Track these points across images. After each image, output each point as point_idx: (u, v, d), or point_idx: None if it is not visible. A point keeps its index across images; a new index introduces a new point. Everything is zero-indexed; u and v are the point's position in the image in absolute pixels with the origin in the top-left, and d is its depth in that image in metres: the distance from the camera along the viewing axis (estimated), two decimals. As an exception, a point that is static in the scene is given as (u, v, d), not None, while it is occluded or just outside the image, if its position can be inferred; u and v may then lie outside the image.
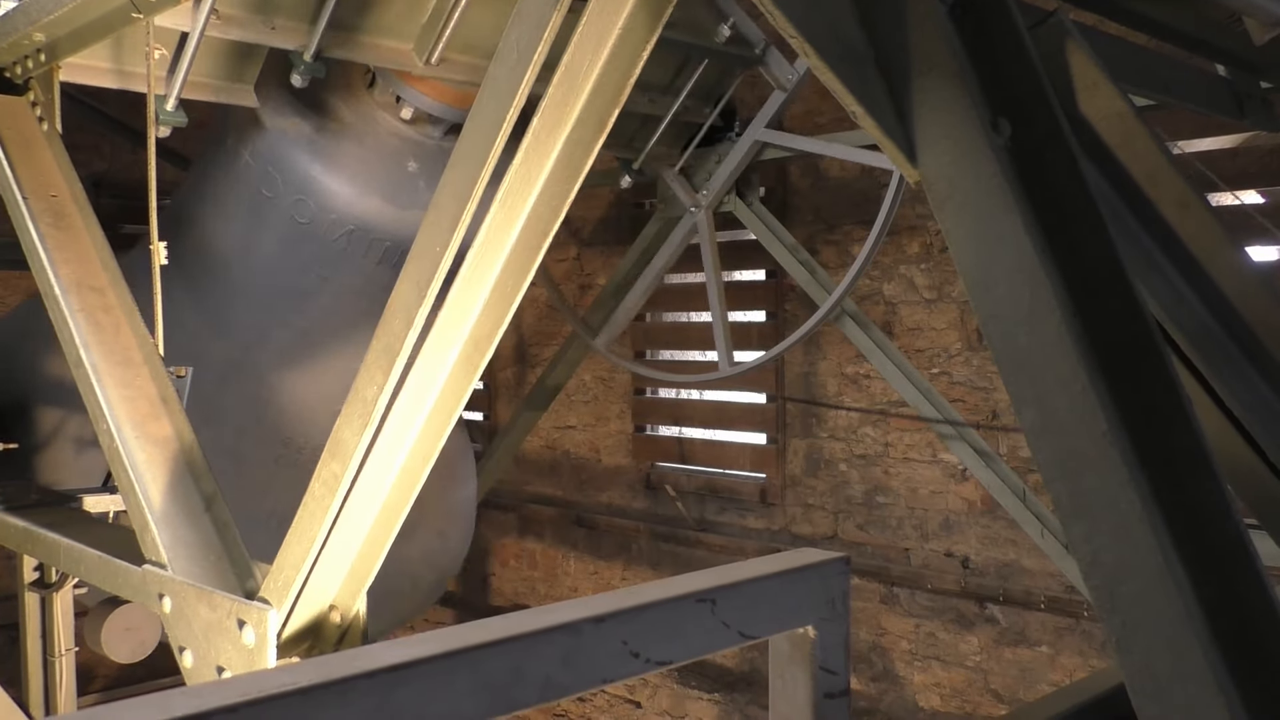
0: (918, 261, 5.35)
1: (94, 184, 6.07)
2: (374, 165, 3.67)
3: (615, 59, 1.61)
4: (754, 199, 4.80)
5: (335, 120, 3.67)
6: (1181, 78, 2.52)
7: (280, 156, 3.58)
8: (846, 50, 1.36)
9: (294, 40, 3.05)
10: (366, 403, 1.90)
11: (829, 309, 4.42)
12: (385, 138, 3.71)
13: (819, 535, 5.83)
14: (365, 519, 2.01)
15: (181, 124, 2.91)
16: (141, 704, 0.91)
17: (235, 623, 2.05)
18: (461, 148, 1.75)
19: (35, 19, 2.62)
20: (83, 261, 2.64)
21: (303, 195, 3.62)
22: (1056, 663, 4.95)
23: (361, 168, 3.65)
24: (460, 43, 3.25)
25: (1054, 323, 1.19)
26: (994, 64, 1.33)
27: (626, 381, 6.75)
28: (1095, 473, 1.16)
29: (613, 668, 1.16)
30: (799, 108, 5.55)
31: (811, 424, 5.83)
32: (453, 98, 3.65)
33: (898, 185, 4.15)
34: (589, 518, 6.96)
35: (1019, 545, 5.01)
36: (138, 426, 2.41)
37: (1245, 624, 1.14)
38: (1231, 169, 4.32)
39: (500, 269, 1.78)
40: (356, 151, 3.66)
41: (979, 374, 5.15)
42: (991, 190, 1.25)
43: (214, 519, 2.34)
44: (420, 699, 1.01)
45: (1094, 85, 1.62)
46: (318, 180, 3.60)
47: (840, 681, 1.37)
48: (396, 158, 3.73)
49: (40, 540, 2.82)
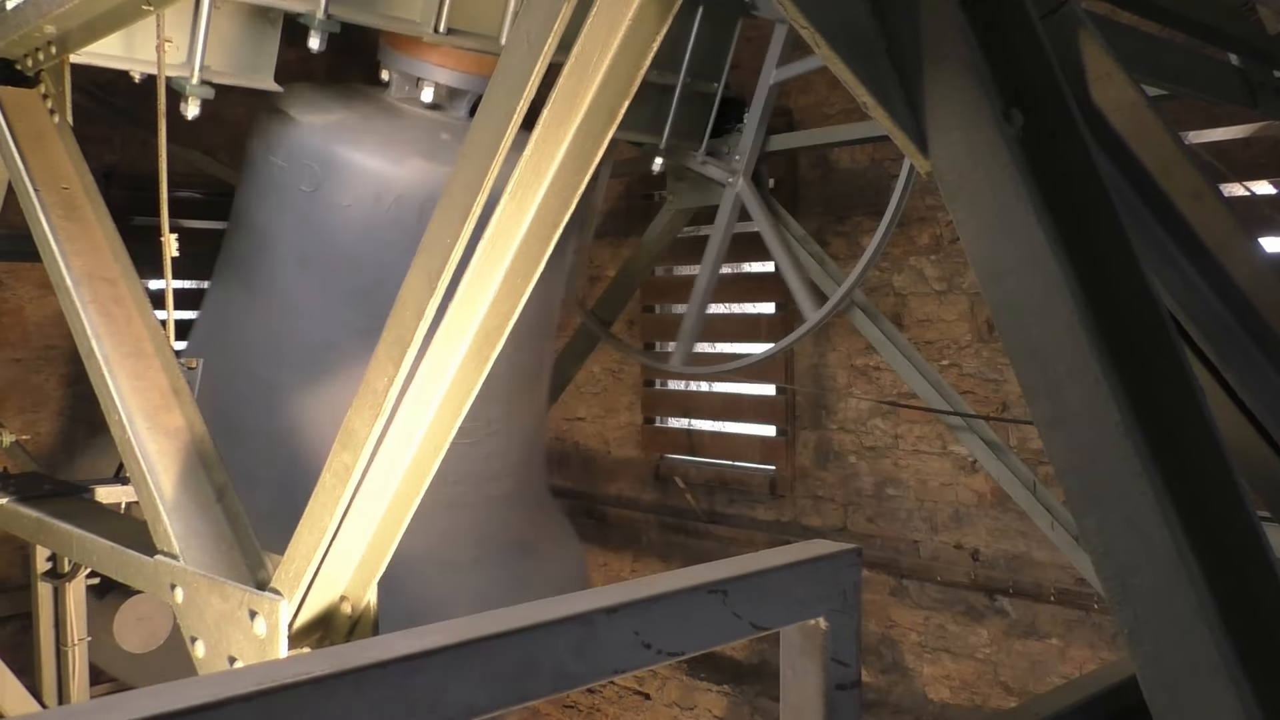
0: (928, 253, 5.33)
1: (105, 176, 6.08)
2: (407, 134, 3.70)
3: (626, 50, 1.60)
4: (764, 190, 4.78)
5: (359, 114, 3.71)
6: (1194, 67, 2.50)
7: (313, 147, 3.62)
8: (857, 40, 1.35)
9: (304, 2, 3.13)
10: (377, 393, 1.90)
11: (838, 300, 4.41)
12: (414, 119, 3.74)
13: (828, 527, 5.83)
14: (376, 510, 2.01)
15: (209, 95, 2.97)
16: (156, 693, 0.91)
17: (247, 613, 2.06)
18: (472, 138, 1.75)
19: (46, 11, 2.62)
20: (94, 253, 2.64)
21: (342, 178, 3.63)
22: (1066, 655, 4.94)
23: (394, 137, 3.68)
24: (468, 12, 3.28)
25: (1066, 314, 1.19)
26: (1006, 54, 1.33)
27: (636, 373, 6.75)
28: (1108, 464, 1.15)
29: (625, 658, 1.16)
30: (809, 99, 5.53)
31: (821, 416, 5.83)
32: (470, 64, 3.64)
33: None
34: (598, 509, 6.97)
35: (1029, 537, 5.00)
36: (149, 418, 2.41)
37: (1258, 616, 1.14)
38: (1244, 159, 4.29)
39: (511, 260, 1.78)
40: (387, 128, 3.68)
41: (989, 366, 5.13)
42: (1004, 181, 1.25)
43: (225, 509, 2.34)
44: (433, 689, 1.01)
45: (1107, 75, 1.61)
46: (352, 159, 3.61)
47: (851, 673, 1.37)
48: (428, 129, 3.76)
49: (53, 531, 2.84)
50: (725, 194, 4.64)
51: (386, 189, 3.66)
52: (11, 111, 2.80)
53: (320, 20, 3.10)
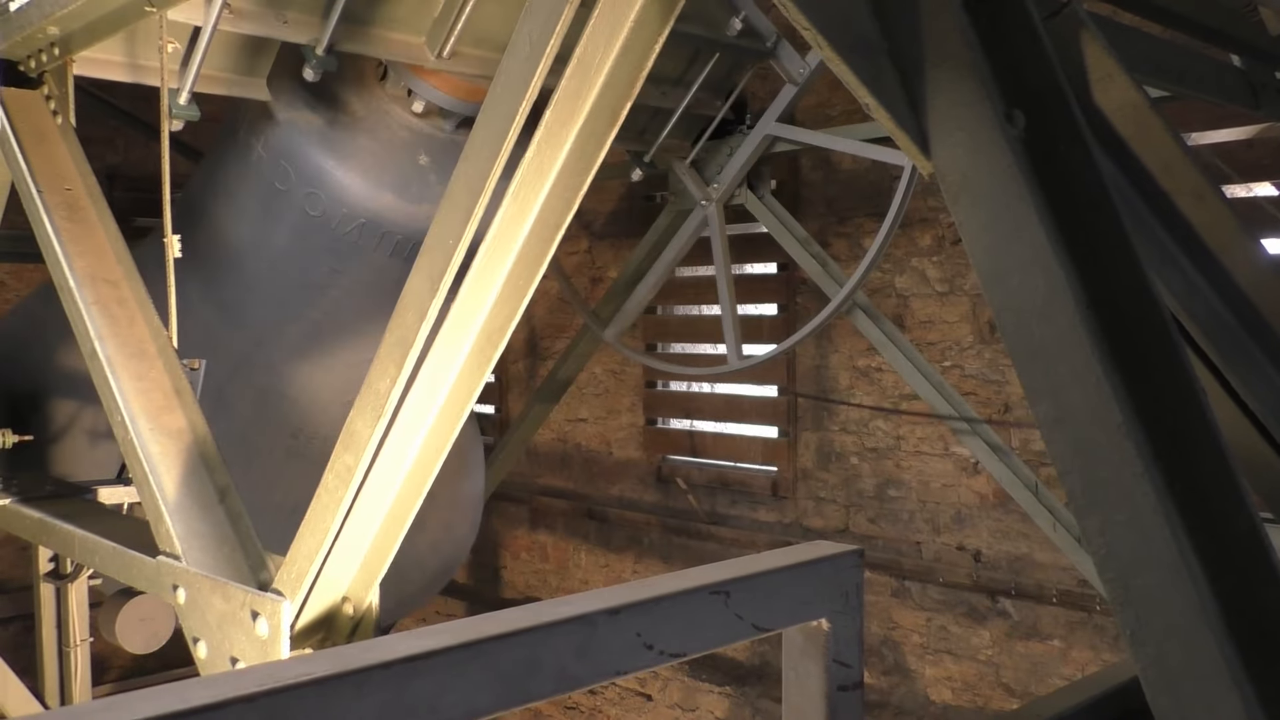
0: (930, 254, 5.33)
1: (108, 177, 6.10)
2: (386, 158, 3.67)
3: (628, 52, 1.61)
4: (765, 191, 4.80)
5: (347, 113, 3.67)
6: (1196, 68, 2.50)
7: (292, 149, 3.59)
8: (859, 42, 1.35)
9: (306, 34, 3.06)
10: (379, 395, 1.90)
11: (840, 302, 4.41)
12: (397, 130, 3.71)
13: (830, 528, 5.83)
14: (378, 511, 2.02)
15: (194, 118, 2.93)
16: (159, 694, 0.91)
17: (249, 614, 2.06)
18: (474, 140, 1.76)
19: (49, 13, 2.62)
20: (97, 254, 2.64)
21: (314, 188, 3.63)
22: (1069, 657, 4.94)
23: (373, 161, 3.66)
24: (472, 36, 3.26)
25: (1068, 315, 1.19)
26: (1008, 55, 1.33)
27: (638, 374, 6.75)
28: (1110, 465, 1.15)
29: (627, 659, 1.16)
30: (811, 100, 5.53)
31: (823, 417, 5.83)
32: (464, 91, 3.65)
33: (910, 177, 4.14)
34: (600, 510, 6.97)
35: (1031, 539, 5.00)
36: (152, 419, 2.42)
37: (1260, 617, 1.14)
38: (1246, 160, 4.29)
39: (513, 262, 1.78)
40: (369, 145, 3.66)
41: (991, 367, 5.13)
42: (1006, 182, 1.25)
43: (228, 510, 2.34)
44: (435, 690, 1.02)
45: (1109, 76, 1.61)
46: (330, 173, 3.60)
47: (854, 674, 1.37)
48: (408, 151, 3.73)
49: (56, 532, 2.84)
50: (695, 212, 4.75)
51: (355, 213, 3.66)
52: (15, 113, 2.80)
53: (319, 58, 3.06)
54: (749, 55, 4.32)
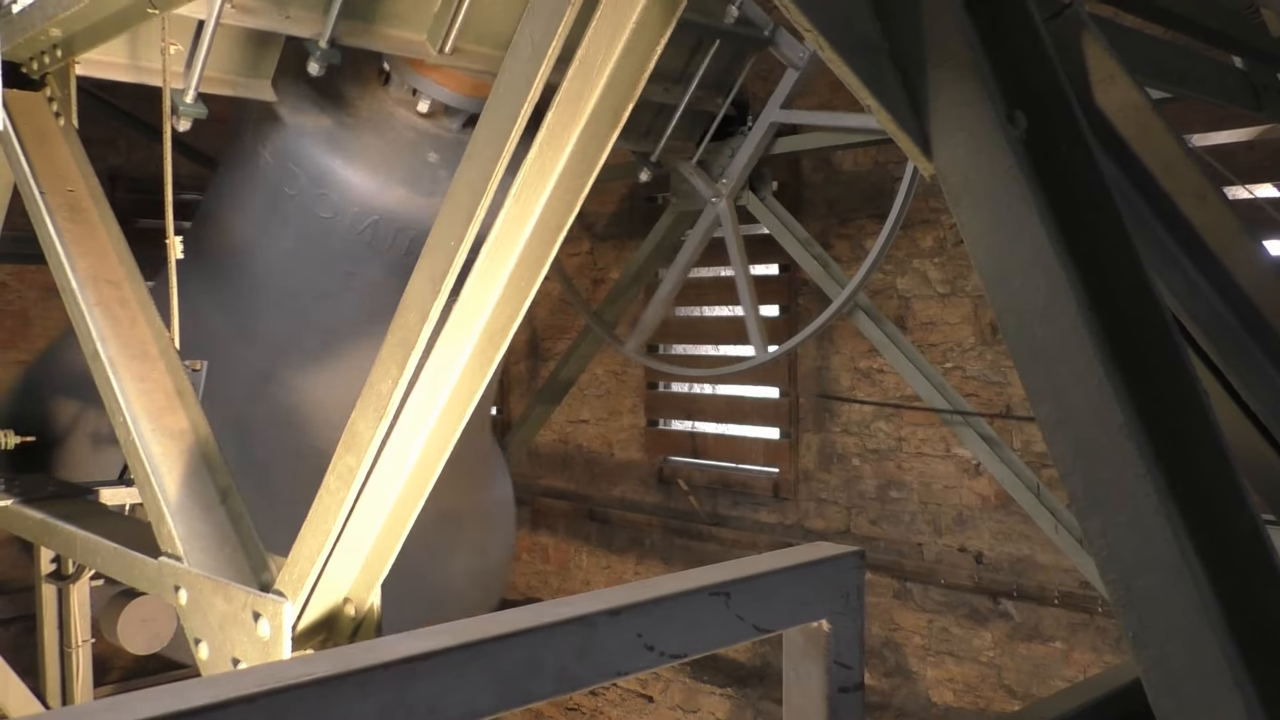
0: (931, 255, 5.33)
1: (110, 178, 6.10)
2: (394, 156, 3.67)
3: (630, 53, 1.61)
4: (767, 193, 4.79)
5: (353, 115, 3.68)
6: (1198, 69, 2.50)
7: (300, 151, 3.59)
8: (860, 42, 1.35)
9: (308, 28, 3.09)
10: (381, 396, 1.91)
11: (842, 303, 4.41)
12: (404, 131, 3.71)
13: (832, 530, 5.82)
14: (380, 512, 2.02)
15: (201, 115, 2.94)
16: (160, 694, 0.91)
17: (250, 615, 2.06)
18: (477, 141, 1.76)
19: (52, 14, 2.63)
20: (99, 255, 2.65)
21: (324, 189, 3.62)
22: (1070, 658, 4.93)
23: (382, 159, 3.65)
24: (473, 31, 3.26)
25: (1070, 316, 1.19)
26: (1009, 56, 1.33)
27: (639, 375, 6.75)
28: (1112, 466, 1.15)
29: (628, 660, 1.16)
30: (812, 101, 5.53)
31: (824, 418, 5.82)
32: (470, 87, 3.64)
33: (911, 178, 4.13)
34: (601, 511, 6.97)
35: (1033, 540, 4.99)
36: (154, 419, 2.42)
37: (1262, 618, 1.14)
38: (1247, 162, 4.29)
39: (515, 263, 1.78)
40: (376, 144, 3.66)
41: (993, 368, 5.13)
42: (1007, 183, 1.25)
43: (229, 512, 2.34)
44: (436, 690, 1.02)
45: (1110, 77, 1.61)
46: (338, 172, 3.60)
47: (854, 676, 1.37)
48: (416, 149, 3.73)
49: (58, 532, 2.84)
50: (706, 210, 4.73)
51: (367, 211, 3.65)
52: (17, 114, 2.81)
53: (323, 51, 3.08)
54: (748, 44, 4.31)
